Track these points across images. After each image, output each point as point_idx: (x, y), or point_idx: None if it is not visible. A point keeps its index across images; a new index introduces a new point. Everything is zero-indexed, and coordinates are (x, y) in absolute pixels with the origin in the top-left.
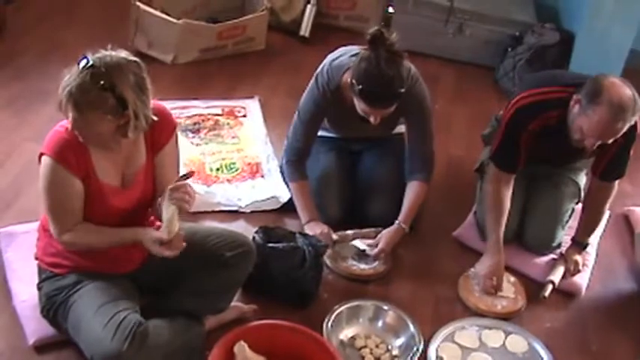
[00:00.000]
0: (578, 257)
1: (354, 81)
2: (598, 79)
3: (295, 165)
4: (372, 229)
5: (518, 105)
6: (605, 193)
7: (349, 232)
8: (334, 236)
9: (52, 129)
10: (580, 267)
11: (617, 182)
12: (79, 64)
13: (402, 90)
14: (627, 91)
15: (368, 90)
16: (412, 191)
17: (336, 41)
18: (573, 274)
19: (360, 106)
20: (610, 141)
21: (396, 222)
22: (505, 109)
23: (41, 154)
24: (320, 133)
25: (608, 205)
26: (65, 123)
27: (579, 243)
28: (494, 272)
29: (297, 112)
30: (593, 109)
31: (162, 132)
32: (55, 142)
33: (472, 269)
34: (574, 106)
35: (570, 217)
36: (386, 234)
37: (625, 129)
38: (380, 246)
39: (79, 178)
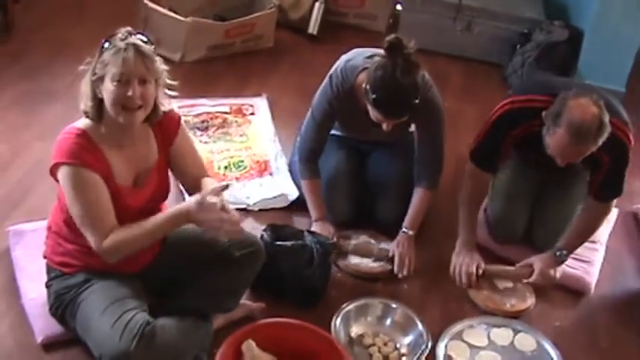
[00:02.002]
0: (551, 270)
1: (368, 88)
2: (565, 99)
3: (308, 164)
4: (376, 245)
5: (503, 110)
6: (599, 213)
7: (352, 242)
8: (341, 242)
9: (58, 137)
10: (551, 280)
11: (613, 202)
12: (110, 39)
13: (417, 101)
14: (592, 112)
15: (382, 100)
16: (417, 198)
17: (344, 39)
18: (540, 285)
19: (373, 113)
20: (579, 160)
21: (403, 229)
22: (493, 110)
23: (56, 165)
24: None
25: (600, 224)
26: (70, 129)
27: (559, 252)
28: (472, 265)
29: (310, 112)
30: (554, 131)
31: (168, 126)
32: (67, 148)
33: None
34: (545, 121)
35: None
36: (400, 246)
37: (590, 151)
38: (397, 255)
39: (101, 176)
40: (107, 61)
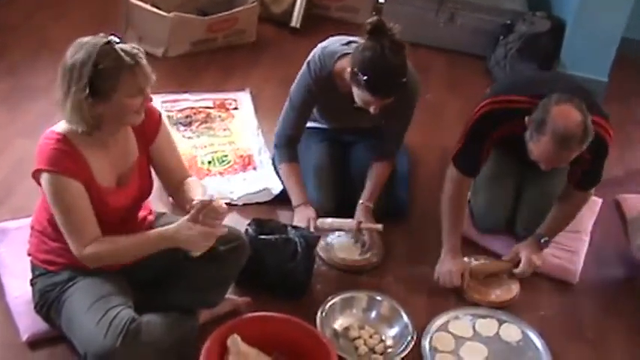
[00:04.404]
0: (534, 257)
1: (356, 70)
2: (547, 105)
3: (285, 148)
4: (351, 220)
5: (484, 110)
6: (579, 201)
7: (328, 220)
8: (318, 223)
9: (40, 142)
10: (535, 267)
11: (592, 190)
12: (101, 54)
13: (405, 79)
14: (575, 118)
15: (374, 80)
16: (381, 172)
17: (327, 32)
18: (523, 275)
19: (361, 95)
20: (564, 165)
21: (360, 202)
22: (473, 111)
23: (37, 171)
24: (311, 124)
25: (580, 211)
26: (50, 133)
27: (543, 239)
28: (458, 273)
29: (288, 99)
30: (539, 139)
31: (149, 123)
32: (48, 154)
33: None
34: (528, 128)
35: None
36: (360, 217)
37: (575, 155)
38: (365, 231)
39: (81, 183)
40: (117, 79)
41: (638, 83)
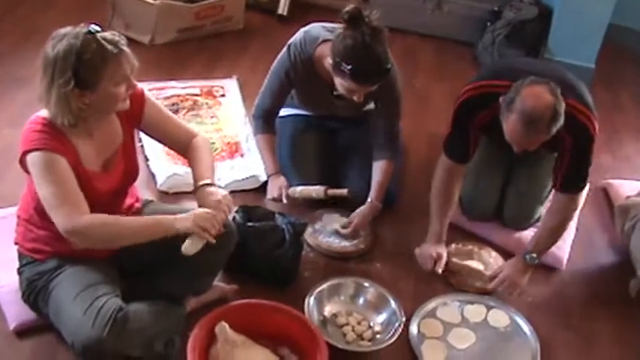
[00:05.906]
0: (520, 279)
1: (338, 59)
2: (520, 85)
3: (262, 120)
4: (319, 187)
5: (466, 96)
6: (566, 207)
7: (298, 188)
8: (289, 192)
9: (24, 128)
10: (519, 287)
11: (581, 195)
12: (83, 47)
13: (389, 66)
14: (545, 100)
15: (358, 69)
16: (381, 170)
17: (314, 19)
18: (508, 291)
19: (344, 84)
20: (533, 148)
21: (369, 200)
22: (456, 97)
23: (24, 154)
24: (296, 111)
25: (569, 220)
26: (35, 118)
27: (529, 256)
28: (434, 254)
29: (268, 77)
30: (507, 116)
31: (132, 103)
32: (34, 136)
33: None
34: (501, 107)
35: (549, 193)
36: (360, 212)
37: (542, 140)
38: (355, 222)
39: (68, 162)
40: (102, 68)
41: (624, 69)
